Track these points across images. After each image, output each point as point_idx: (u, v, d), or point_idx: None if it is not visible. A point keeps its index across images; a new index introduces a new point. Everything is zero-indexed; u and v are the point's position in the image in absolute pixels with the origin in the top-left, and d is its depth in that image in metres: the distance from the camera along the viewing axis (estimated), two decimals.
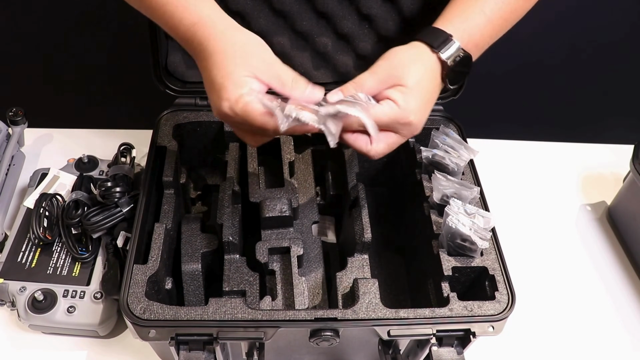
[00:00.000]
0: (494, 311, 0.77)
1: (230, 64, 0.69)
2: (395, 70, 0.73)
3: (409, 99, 0.71)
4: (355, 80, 0.73)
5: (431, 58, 0.75)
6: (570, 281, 1.09)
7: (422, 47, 0.76)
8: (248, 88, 0.68)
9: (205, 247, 0.90)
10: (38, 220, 0.95)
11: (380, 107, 0.71)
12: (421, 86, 0.73)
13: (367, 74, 0.73)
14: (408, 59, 0.74)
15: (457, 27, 0.77)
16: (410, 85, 0.72)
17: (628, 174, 1.12)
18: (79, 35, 1.49)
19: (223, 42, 0.71)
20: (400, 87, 0.72)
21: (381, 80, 0.73)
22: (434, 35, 0.76)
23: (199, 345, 0.74)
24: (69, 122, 1.24)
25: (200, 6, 0.73)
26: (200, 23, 0.72)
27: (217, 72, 0.69)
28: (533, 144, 1.34)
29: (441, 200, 0.87)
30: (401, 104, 0.71)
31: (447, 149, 0.91)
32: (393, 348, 0.81)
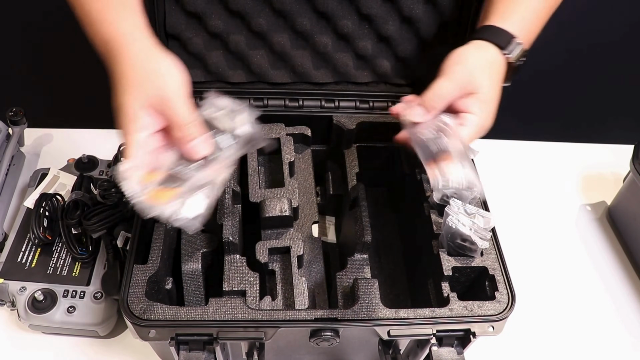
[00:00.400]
0: (494, 311, 0.77)
1: (126, 93, 0.67)
2: (471, 77, 0.75)
3: (487, 108, 0.75)
4: (434, 89, 0.75)
5: (501, 60, 0.77)
6: (570, 281, 1.09)
7: (492, 49, 0.77)
8: (139, 125, 0.67)
9: (205, 247, 0.90)
10: (38, 220, 0.95)
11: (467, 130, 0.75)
12: (494, 90, 0.76)
13: (444, 81, 0.75)
14: (482, 63, 0.76)
15: (517, 26, 0.78)
16: (486, 93, 0.75)
17: (628, 174, 1.12)
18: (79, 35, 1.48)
19: (126, 66, 0.68)
20: (476, 95, 0.75)
21: (459, 87, 0.75)
22: (500, 36, 0.78)
23: (199, 345, 0.74)
24: (69, 122, 1.24)
25: (119, 23, 0.70)
26: (115, 41, 0.69)
27: (117, 98, 0.68)
28: (533, 144, 1.34)
29: (441, 201, 0.87)
30: (481, 116, 0.75)
31: None
32: (393, 348, 0.81)
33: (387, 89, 1.04)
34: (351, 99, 1.02)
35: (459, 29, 0.97)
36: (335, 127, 1.01)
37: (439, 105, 0.76)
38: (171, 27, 0.94)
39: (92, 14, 0.70)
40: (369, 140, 1.04)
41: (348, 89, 1.03)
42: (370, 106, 1.02)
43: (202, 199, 0.70)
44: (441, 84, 0.75)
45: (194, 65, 0.98)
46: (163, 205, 0.67)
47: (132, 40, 0.69)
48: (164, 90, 0.67)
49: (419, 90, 1.02)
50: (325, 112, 1.01)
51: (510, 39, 0.77)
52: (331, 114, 1.01)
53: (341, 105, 1.02)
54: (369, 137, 1.03)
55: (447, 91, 0.75)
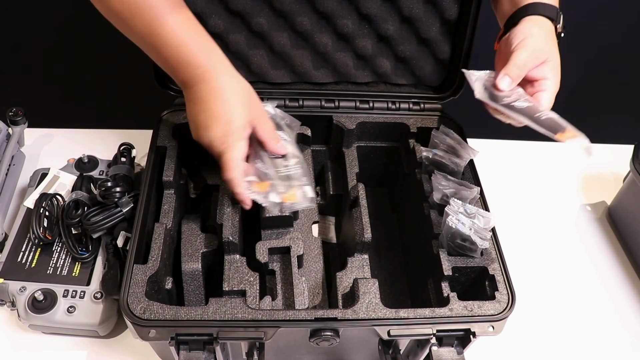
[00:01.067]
0: (494, 311, 0.77)
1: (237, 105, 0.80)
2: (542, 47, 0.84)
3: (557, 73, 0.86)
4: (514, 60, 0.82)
5: (553, 29, 0.87)
6: (570, 281, 1.09)
7: (547, 22, 0.86)
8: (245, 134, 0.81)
9: (205, 247, 0.90)
10: (38, 220, 0.95)
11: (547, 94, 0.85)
12: (558, 57, 0.87)
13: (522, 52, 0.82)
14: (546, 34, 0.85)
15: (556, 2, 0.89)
16: (555, 59, 0.85)
17: (628, 174, 1.12)
18: (79, 35, 1.49)
19: (235, 84, 0.82)
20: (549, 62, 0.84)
21: (535, 57, 0.83)
22: (549, 10, 0.87)
23: (199, 345, 0.74)
24: (69, 122, 1.24)
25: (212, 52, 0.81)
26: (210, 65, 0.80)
27: (225, 109, 0.80)
28: (533, 144, 1.34)
29: (441, 200, 0.87)
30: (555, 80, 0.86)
31: (447, 149, 0.91)
32: (393, 348, 0.81)
33: (387, 89, 1.04)
34: (351, 99, 1.02)
35: (459, 28, 0.97)
36: (335, 127, 1.01)
37: (522, 74, 0.84)
38: None
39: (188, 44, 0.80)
40: (369, 140, 1.04)
41: (348, 89, 1.03)
42: (370, 106, 1.02)
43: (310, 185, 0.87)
44: (519, 55, 0.82)
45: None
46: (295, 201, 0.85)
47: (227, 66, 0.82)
48: (261, 109, 0.85)
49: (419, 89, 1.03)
50: (325, 112, 1.01)
51: (557, 11, 0.87)
52: (331, 114, 1.01)
53: (341, 105, 1.02)
54: (369, 137, 1.03)
55: (526, 61, 0.82)
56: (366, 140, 1.04)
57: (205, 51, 0.80)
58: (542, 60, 0.84)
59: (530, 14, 0.86)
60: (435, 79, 1.03)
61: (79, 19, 1.45)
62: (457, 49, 0.99)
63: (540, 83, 0.85)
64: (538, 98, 0.84)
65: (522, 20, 0.86)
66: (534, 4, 0.87)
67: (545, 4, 0.86)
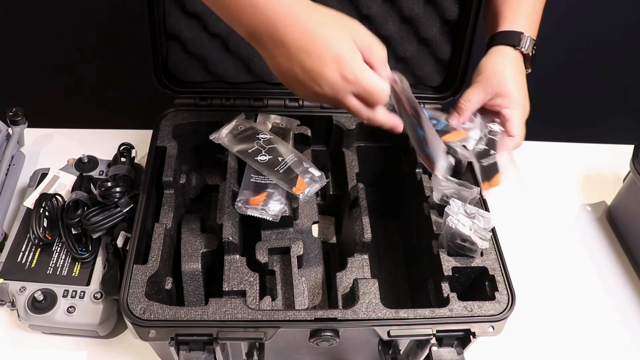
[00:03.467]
0: (494, 311, 0.77)
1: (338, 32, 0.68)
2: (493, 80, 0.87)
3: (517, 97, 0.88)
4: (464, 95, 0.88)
5: (515, 54, 0.89)
6: (570, 281, 1.09)
7: (508, 49, 0.89)
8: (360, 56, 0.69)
9: (205, 247, 0.90)
10: (38, 221, 0.95)
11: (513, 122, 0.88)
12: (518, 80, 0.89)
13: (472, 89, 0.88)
14: (500, 64, 0.88)
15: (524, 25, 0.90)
16: (511, 87, 0.87)
17: (628, 174, 1.12)
18: (79, 36, 1.49)
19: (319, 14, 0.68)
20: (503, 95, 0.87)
21: (485, 91, 0.87)
22: (512, 37, 0.90)
23: (199, 345, 0.74)
24: (69, 122, 1.24)
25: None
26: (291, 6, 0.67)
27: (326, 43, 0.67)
28: (533, 144, 1.33)
29: (441, 201, 0.87)
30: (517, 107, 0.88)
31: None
32: (393, 348, 0.81)
33: None
34: None
35: (459, 28, 0.97)
36: (335, 127, 1.01)
37: (469, 108, 0.87)
38: (171, 27, 0.94)
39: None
40: (369, 140, 1.04)
41: None
42: None
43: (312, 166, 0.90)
44: (469, 91, 0.88)
45: (194, 65, 0.99)
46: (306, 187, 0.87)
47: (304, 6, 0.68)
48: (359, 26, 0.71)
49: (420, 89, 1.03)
50: (325, 112, 1.01)
51: (520, 36, 0.89)
52: (331, 114, 1.01)
53: None
54: (369, 137, 1.03)
55: (475, 97, 0.87)
56: (366, 141, 1.03)
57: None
58: (496, 93, 0.87)
59: (494, 44, 0.91)
60: (435, 79, 1.03)
61: (79, 19, 1.45)
62: (457, 49, 0.99)
63: (503, 113, 0.89)
64: (506, 128, 0.89)
65: (488, 51, 0.91)
66: (498, 33, 0.91)
67: (509, 32, 0.90)
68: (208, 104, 1.00)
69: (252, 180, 0.89)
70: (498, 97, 0.88)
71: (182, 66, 0.98)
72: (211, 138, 0.92)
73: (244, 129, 0.93)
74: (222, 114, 0.98)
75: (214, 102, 1.00)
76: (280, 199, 0.87)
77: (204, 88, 1.00)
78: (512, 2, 0.93)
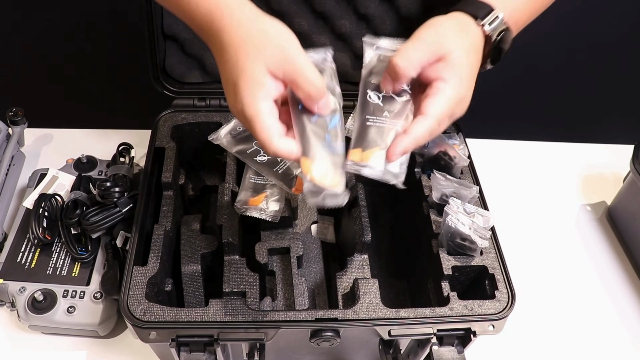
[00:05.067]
0: (494, 310, 0.77)
1: (243, 58, 0.61)
2: (441, 39, 0.66)
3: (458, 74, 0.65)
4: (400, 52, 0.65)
5: (476, 30, 0.70)
6: (570, 281, 1.09)
7: (466, 18, 0.70)
8: (265, 91, 0.61)
9: (204, 248, 0.90)
10: (37, 221, 0.94)
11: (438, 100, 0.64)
12: (470, 59, 0.68)
13: (411, 45, 0.66)
14: (453, 28, 0.68)
15: (503, 3, 0.72)
16: (457, 57, 0.66)
17: (628, 174, 1.12)
18: (78, 36, 1.49)
19: (238, 33, 0.62)
20: (446, 59, 0.65)
21: (428, 51, 0.65)
22: (476, 6, 0.70)
23: (199, 346, 0.74)
24: (69, 122, 1.24)
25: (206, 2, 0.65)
26: (217, 11, 0.64)
27: (231, 68, 0.62)
28: (533, 144, 1.34)
29: (440, 200, 0.87)
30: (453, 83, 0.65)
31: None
32: (394, 348, 0.81)
33: None
34: (350, 99, 1.02)
35: None
36: None
37: (408, 70, 0.65)
38: (169, 28, 0.94)
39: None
40: None
41: (347, 89, 1.02)
42: None
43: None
44: (406, 47, 0.66)
45: (192, 66, 0.99)
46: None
47: (236, 7, 0.64)
48: (285, 48, 0.62)
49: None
50: None
51: (488, 10, 0.70)
52: None
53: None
54: None
55: (410, 54, 0.65)
56: None
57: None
58: (439, 56, 0.66)
59: (458, 9, 0.71)
60: None
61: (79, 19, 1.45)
62: None
63: (432, 85, 0.66)
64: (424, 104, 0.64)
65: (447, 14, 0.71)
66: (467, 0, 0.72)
67: (478, 1, 0.71)
68: (206, 104, 1.00)
69: (251, 180, 0.89)
70: (440, 62, 0.65)
71: (180, 67, 0.98)
72: (210, 139, 0.92)
73: (242, 130, 0.92)
74: (220, 114, 0.98)
75: (212, 102, 1.00)
76: (279, 199, 0.87)
77: (202, 89, 1.00)
78: None
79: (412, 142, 0.63)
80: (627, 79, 1.70)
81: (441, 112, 0.64)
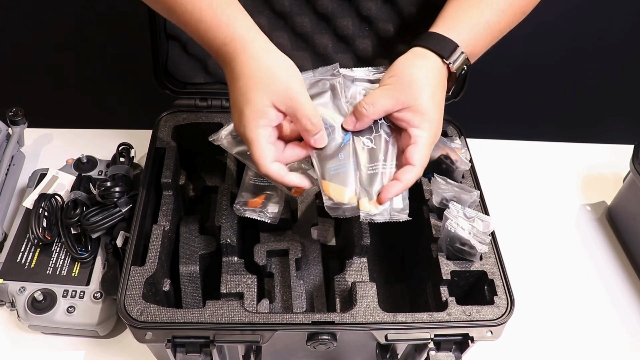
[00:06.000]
0: (492, 316, 0.76)
1: (252, 90, 0.69)
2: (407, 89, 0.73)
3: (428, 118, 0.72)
4: (368, 98, 0.74)
5: (442, 69, 0.76)
6: (570, 282, 1.09)
7: (433, 57, 0.75)
8: (267, 120, 0.69)
9: (203, 249, 0.90)
10: (37, 221, 0.95)
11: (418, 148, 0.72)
12: (436, 100, 0.74)
13: (379, 93, 0.74)
14: (420, 73, 0.74)
15: (463, 37, 0.76)
16: (426, 105, 0.72)
17: (628, 174, 1.11)
18: (79, 36, 1.49)
19: (249, 66, 0.70)
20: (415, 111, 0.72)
21: (394, 100, 0.73)
22: (442, 44, 0.76)
23: (195, 347, 0.74)
24: (69, 122, 1.24)
25: (234, 25, 0.72)
26: (232, 43, 0.71)
27: (240, 96, 0.70)
28: (533, 144, 1.33)
29: (440, 204, 0.87)
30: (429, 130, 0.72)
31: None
32: (391, 352, 0.81)
33: None
34: None
35: None
36: None
37: (371, 114, 0.73)
38: (171, 28, 0.94)
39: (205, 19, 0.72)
40: None
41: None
42: None
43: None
44: (376, 93, 0.74)
45: (194, 66, 0.98)
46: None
47: (250, 40, 0.71)
48: (290, 86, 0.70)
49: None
50: None
51: (453, 48, 0.75)
52: None
53: None
54: None
55: (382, 102, 0.73)
56: None
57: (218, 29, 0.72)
58: (405, 105, 0.72)
59: (419, 44, 0.76)
60: None
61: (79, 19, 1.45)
62: None
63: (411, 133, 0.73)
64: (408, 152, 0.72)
65: (411, 50, 0.77)
66: (431, 34, 0.77)
67: (442, 37, 0.76)
68: (208, 105, 1.00)
69: (250, 182, 0.89)
70: (408, 111, 0.72)
71: (182, 67, 0.98)
72: (210, 139, 0.92)
73: None
74: (222, 115, 0.98)
75: (214, 103, 1.00)
76: (278, 201, 0.87)
77: (204, 89, 1.00)
78: (462, 3, 0.78)
79: (403, 188, 0.73)
80: (627, 79, 1.70)
81: (425, 158, 0.73)
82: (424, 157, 0.72)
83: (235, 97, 0.71)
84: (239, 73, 0.70)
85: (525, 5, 0.81)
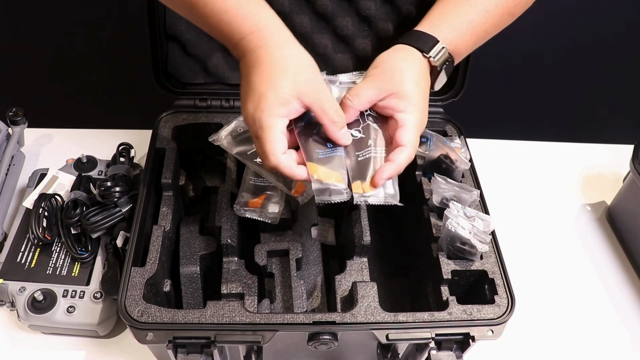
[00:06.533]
0: (493, 315, 0.76)
1: (278, 76, 0.69)
2: (390, 76, 0.75)
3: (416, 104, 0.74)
4: (353, 90, 0.75)
5: (423, 61, 0.77)
6: (570, 282, 1.09)
7: (413, 51, 0.77)
8: (287, 110, 0.69)
9: (203, 250, 0.90)
10: (37, 221, 0.95)
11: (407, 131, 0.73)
12: (420, 86, 0.75)
13: (363, 85, 0.75)
14: (401, 63, 0.76)
15: (445, 34, 0.78)
16: (410, 90, 0.74)
17: (628, 174, 1.11)
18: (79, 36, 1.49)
19: (277, 53, 0.70)
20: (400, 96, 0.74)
21: (378, 89, 0.75)
22: (422, 40, 0.78)
23: (196, 348, 0.74)
24: (69, 122, 1.24)
25: (259, 16, 0.72)
26: (256, 33, 0.71)
27: (263, 80, 0.69)
28: (533, 144, 1.33)
29: (441, 203, 0.87)
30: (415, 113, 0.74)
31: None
32: (392, 352, 0.81)
33: None
34: None
35: None
36: None
37: (356, 106, 0.75)
38: (171, 28, 0.93)
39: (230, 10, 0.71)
40: None
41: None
42: None
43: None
44: (359, 85, 0.76)
45: (194, 67, 0.98)
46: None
47: (276, 32, 0.72)
48: (318, 79, 0.71)
49: None
50: None
51: (433, 43, 0.78)
52: None
53: None
54: None
55: (366, 92, 0.75)
56: None
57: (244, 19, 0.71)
58: (389, 92, 0.74)
59: (400, 42, 0.79)
60: None
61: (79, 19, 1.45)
62: None
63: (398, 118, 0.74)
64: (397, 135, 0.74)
65: (392, 47, 0.79)
66: (413, 31, 0.80)
67: (423, 33, 0.78)
68: (207, 105, 1.00)
69: (251, 182, 0.89)
70: (393, 98, 0.74)
71: (182, 67, 0.98)
72: (210, 140, 0.92)
73: (243, 131, 0.92)
74: (221, 115, 0.98)
75: (214, 103, 1.00)
76: (279, 201, 0.87)
77: (204, 89, 1.00)
78: (448, 3, 0.81)
79: (396, 169, 0.73)
80: (627, 79, 1.70)
81: (415, 139, 0.74)
82: (414, 137, 0.73)
83: (256, 81, 0.69)
84: (265, 59, 0.70)
85: (513, 7, 0.82)
